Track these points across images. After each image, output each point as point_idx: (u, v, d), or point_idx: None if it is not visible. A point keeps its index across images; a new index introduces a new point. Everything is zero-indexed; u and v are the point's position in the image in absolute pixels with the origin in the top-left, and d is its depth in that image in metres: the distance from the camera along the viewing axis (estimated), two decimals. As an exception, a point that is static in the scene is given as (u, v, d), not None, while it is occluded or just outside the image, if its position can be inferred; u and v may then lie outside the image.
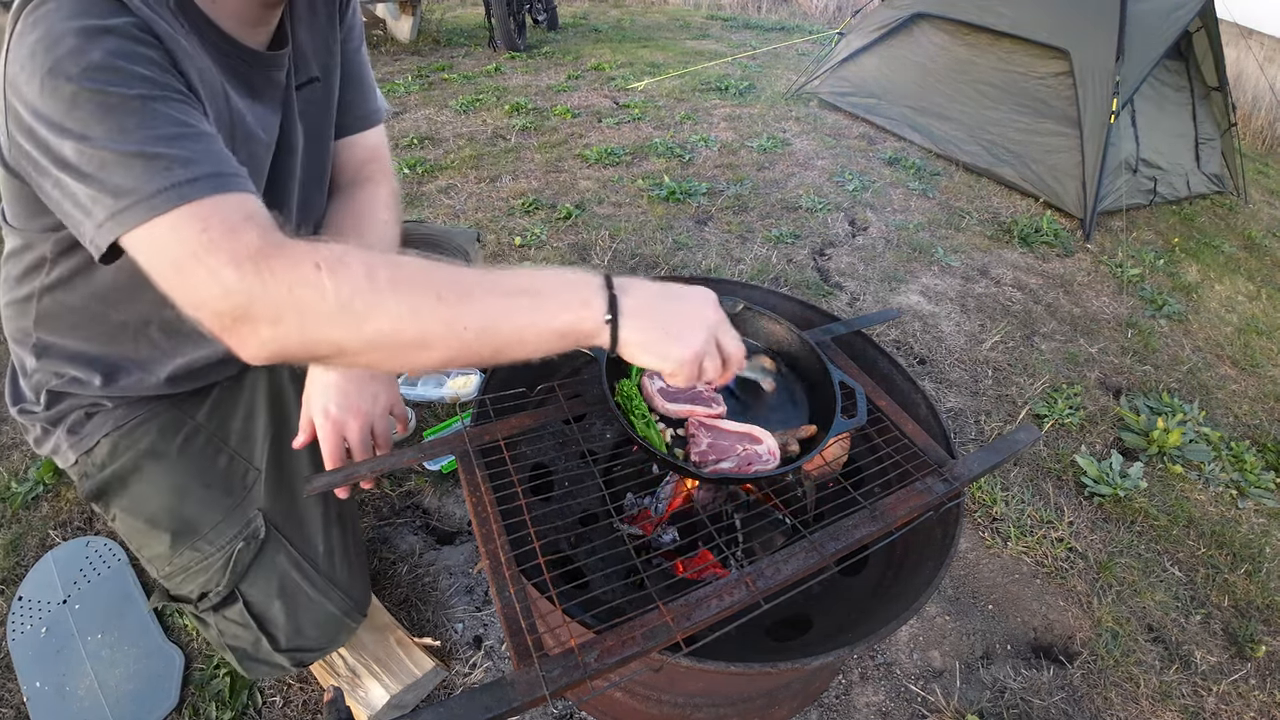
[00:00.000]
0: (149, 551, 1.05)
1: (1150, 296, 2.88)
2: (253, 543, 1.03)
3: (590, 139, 3.84)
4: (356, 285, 0.62)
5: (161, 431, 1.03)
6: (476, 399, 1.10)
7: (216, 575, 1.02)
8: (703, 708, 1.11)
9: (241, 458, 1.07)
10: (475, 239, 1.50)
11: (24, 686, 1.22)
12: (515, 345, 0.68)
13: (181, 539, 1.02)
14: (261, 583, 1.04)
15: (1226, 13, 3.81)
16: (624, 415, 0.94)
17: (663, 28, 7.01)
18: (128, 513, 1.04)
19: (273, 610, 1.04)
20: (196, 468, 1.04)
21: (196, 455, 1.04)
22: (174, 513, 1.02)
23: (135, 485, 1.03)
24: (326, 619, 1.08)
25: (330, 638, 1.11)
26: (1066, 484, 1.89)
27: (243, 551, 1.02)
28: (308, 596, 1.06)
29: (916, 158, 3.85)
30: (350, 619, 1.12)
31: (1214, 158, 3.93)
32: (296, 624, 1.06)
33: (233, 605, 1.04)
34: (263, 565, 1.04)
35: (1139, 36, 3.17)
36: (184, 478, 1.03)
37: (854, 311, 2.52)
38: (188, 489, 1.03)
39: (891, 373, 1.28)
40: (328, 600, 1.08)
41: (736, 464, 0.93)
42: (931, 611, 1.52)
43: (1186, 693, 1.42)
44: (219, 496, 1.04)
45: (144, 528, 1.03)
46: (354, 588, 1.13)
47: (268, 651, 1.06)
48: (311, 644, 1.09)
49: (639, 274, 2.62)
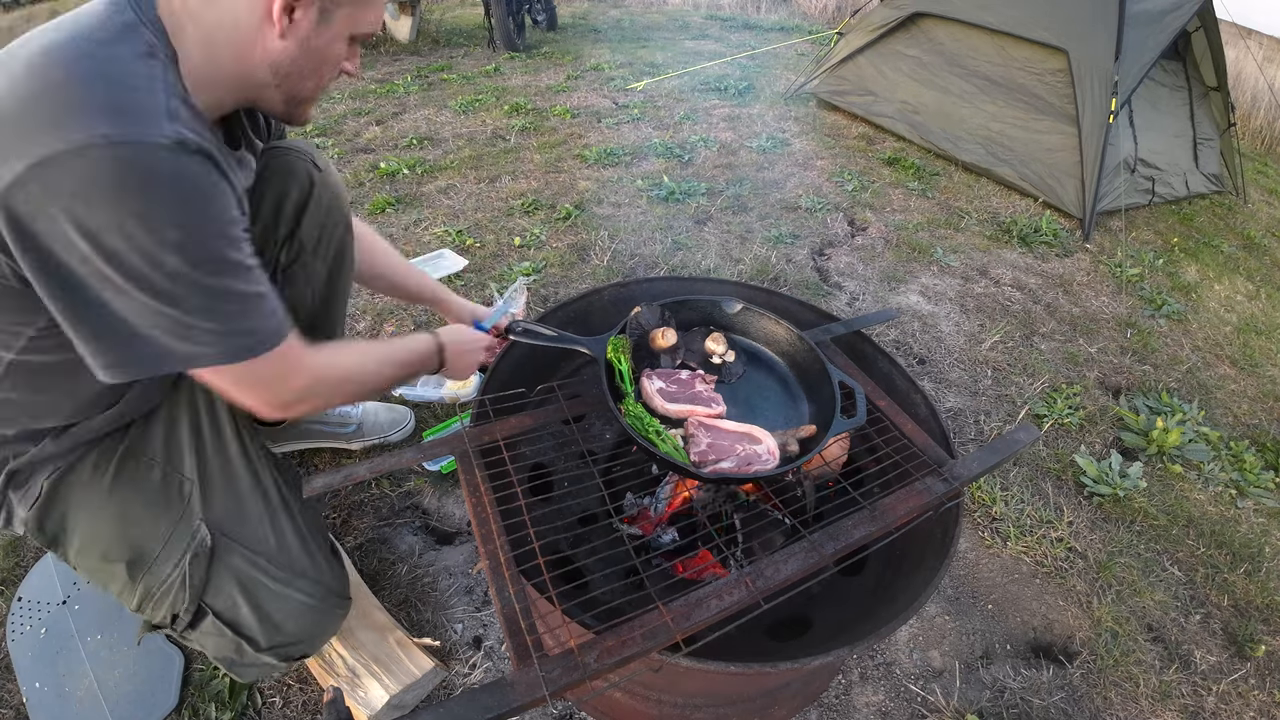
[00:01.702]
0: (114, 587, 1.04)
1: (1149, 296, 2.88)
2: (202, 553, 1.02)
3: (590, 139, 3.84)
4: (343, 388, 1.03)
5: (96, 463, 1.01)
6: (476, 399, 1.10)
7: (178, 595, 1.01)
8: (702, 708, 1.11)
9: (174, 470, 1.05)
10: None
11: (23, 687, 1.22)
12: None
13: (136, 567, 1.01)
14: (223, 590, 1.03)
15: (1225, 13, 3.81)
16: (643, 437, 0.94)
17: (662, 28, 7.01)
18: (82, 553, 1.02)
19: (242, 613, 1.04)
20: (134, 490, 1.02)
21: (130, 478, 1.03)
22: (123, 540, 1.01)
23: (83, 522, 1.01)
24: (299, 609, 1.08)
25: (311, 628, 1.10)
26: (1066, 484, 1.89)
27: (195, 564, 1.01)
28: (271, 591, 1.05)
29: (916, 157, 3.85)
30: (326, 604, 1.11)
31: (1212, 157, 3.93)
32: (270, 621, 1.05)
33: (204, 619, 1.04)
34: (218, 573, 1.03)
35: (1137, 36, 3.17)
36: (124, 503, 1.01)
37: (853, 311, 2.52)
38: (131, 513, 1.01)
39: (891, 373, 1.28)
40: (293, 590, 1.07)
41: (736, 464, 0.93)
42: (931, 611, 1.52)
43: (1186, 692, 1.42)
44: (161, 513, 1.02)
45: (99, 564, 1.02)
46: (320, 572, 1.12)
47: (252, 655, 1.06)
48: (292, 637, 1.08)
49: (638, 274, 2.62)
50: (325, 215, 1.27)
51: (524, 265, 2.54)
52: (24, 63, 0.72)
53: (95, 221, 0.70)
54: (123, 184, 0.70)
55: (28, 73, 0.71)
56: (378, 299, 2.32)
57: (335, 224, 1.30)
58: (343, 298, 1.41)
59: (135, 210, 0.71)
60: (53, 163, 0.68)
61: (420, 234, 2.74)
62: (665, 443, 0.95)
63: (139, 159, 0.71)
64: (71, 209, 0.70)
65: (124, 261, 0.73)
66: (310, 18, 0.84)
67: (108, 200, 0.70)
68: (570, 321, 1.33)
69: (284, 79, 0.88)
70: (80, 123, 0.68)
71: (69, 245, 0.72)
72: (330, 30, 0.87)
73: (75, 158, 0.68)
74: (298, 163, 1.21)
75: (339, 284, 1.38)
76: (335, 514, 1.58)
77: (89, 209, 0.70)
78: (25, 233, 0.71)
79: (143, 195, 0.72)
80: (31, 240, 0.72)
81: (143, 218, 0.72)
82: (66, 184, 0.69)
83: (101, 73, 0.72)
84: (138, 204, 0.71)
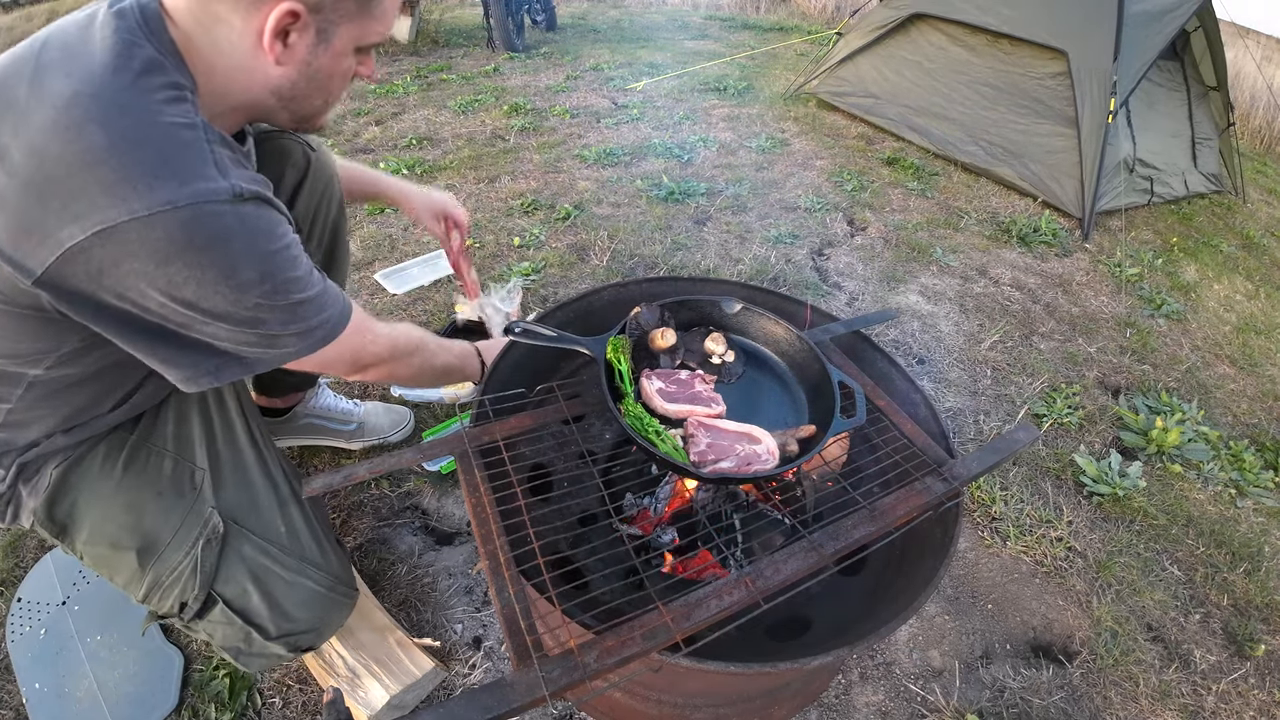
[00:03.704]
0: (121, 577, 1.04)
1: (1149, 296, 2.88)
2: (214, 540, 1.02)
3: (589, 139, 3.84)
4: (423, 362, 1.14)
5: (106, 453, 1.01)
6: (476, 400, 1.10)
7: (189, 583, 1.01)
8: (702, 708, 1.11)
9: (185, 460, 1.06)
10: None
11: (23, 688, 1.22)
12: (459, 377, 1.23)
13: (147, 554, 1.01)
14: (234, 578, 1.04)
15: (1224, 12, 3.81)
16: (642, 437, 0.94)
17: (661, 28, 7.01)
18: (91, 541, 1.03)
19: (253, 602, 1.04)
20: (145, 479, 1.03)
21: (142, 467, 1.03)
22: (134, 529, 1.01)
23: (93, 510, 1.01)
24: (310, 597, 1.08)
25: (320, 616, 1.11)
26: (1065, 483, 1.89)
27: (206, 551, 1.01)
28: (283, 580, 1.06)
29: (915, 157, 3.85)
30: (336, 593, 1.11)
31: (1211, 157, 3.93)
32: (280, 609, 1.06)
33: (213, 608, 1.04)
34: (230, 560, 1.03)
35: (1136, 36, 3.17)
36: (135, 492, 1.02)
37: (853, 311, 2.52)
38: (142, 502, 1.02)
39: (890, 372, 1.28)
40: (305, 578, 1.08)
41: (735, 464, 0.93)
42: (931, 611, 1.52)
43: (1186, 692, 1.42)
44: (173, 501, 1.03)
45: (109, 553, 1.02)
46: (328, 562, 1.13)
47: (261, 644, 1.06)
48: (302, 626, 1.08)
49: (637, 274, 2.62)
50: (320, 196, 1.28)
51: (523, 265, 2.54)
52: (51, 119, 0.70)
53: (170, 277, 0.74)
54: (192, 243, 0.73)
55: (62, 132, 0.69)
56: (377, 298, 2.32)
57: (329, 203, 1.32)
58: (340, 280, 1.43)
59: (209, 263, 0.74)
60: (117, 232, 0.70)
61: (419, 234, 2.74)
62: (665, 443, 0.95)
63: (204, 220, 0.73)
64: (144, 270, 0.73)
65: (205, 306, 0.77)
66: (307, 40, 0.81)
67: (181, 259, 0.73)
68: (570, 321, 1.33)
69: (289, 101, 0.87)
70: (138, 192, 0.70)
71: (142, 295, 0.75)
72: (332, 48, 0.84)
73: (141, 227, 0.70)
74: (292, 144, 1.22)
75: (336, 270, 1.41)
76: (335, 514, 1.58)
77: (162, 269, 0.73)
78: (82, 291, 0.74)
79: (213, 251, 0.74)
80: (90, 296, 0.75)
81: (218, 268, 0.75)
82: (136, 249, 0.71)
83: (143, 133, 0.72)
84: (210, 258, 0.74)
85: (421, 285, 2.40)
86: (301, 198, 1.24)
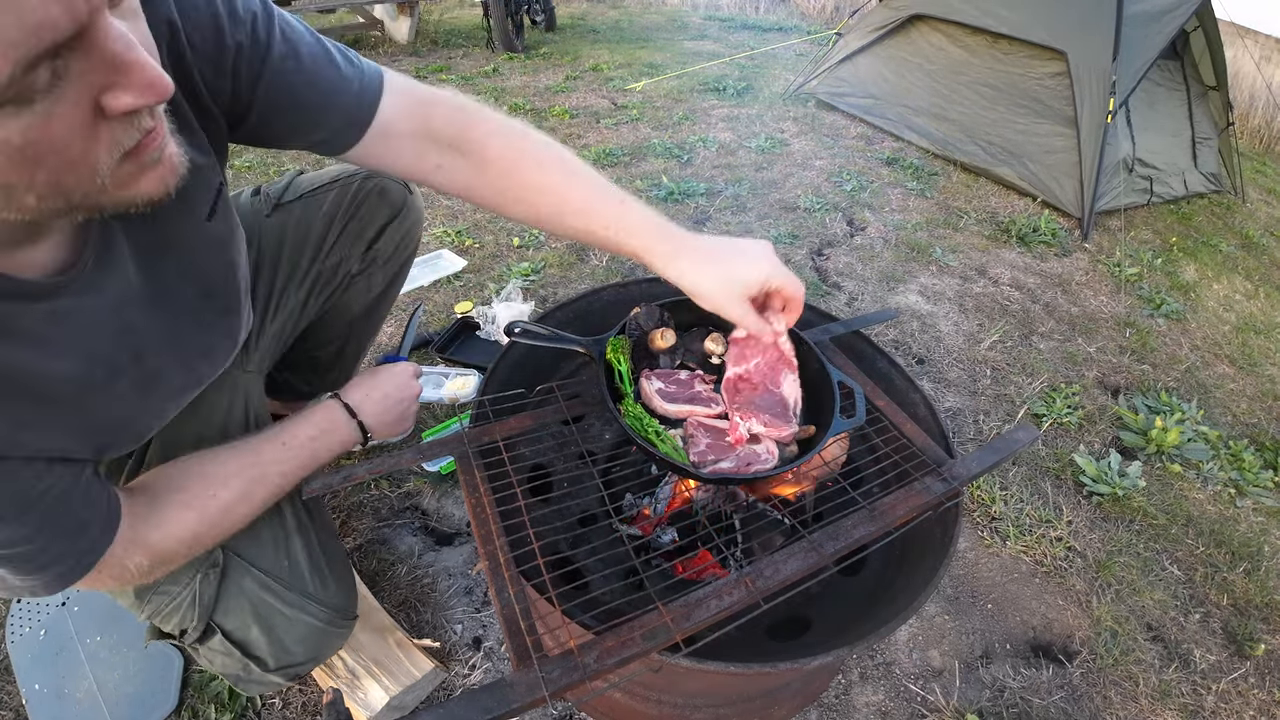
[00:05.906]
0: (123, 601, 1.03)
1: (1148, 296, 2.88)
2: (213, 572, 1.00)
3: (588, 139, 3.84)
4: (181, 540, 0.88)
5: None
6: (475, 400, 1.10)
7: (187, 612, 1.00)
8: (702, 708, 1.11)
9: None
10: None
11: (23, 689, 1.22)
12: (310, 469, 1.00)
13: (145, 587, 0.99)
14: (234, 611, 1.02)
15: (1224, 12, 3.81)
16: (642, 437, 0.94)
17: (660, 28, 7.01)
18: None
19: (252, 635, 1.02)
20: None
21: None
22: None
23: None
24: (308, 633, 1.06)
25: (318, 649, 1.09)
26: (1065, 483, 1.89)
27: (205, 584, 0.99)
28: (283, 615, 1.03)
29: (914, 158, 3.85)
30: (334, 626, 1.09)
31: (1211, 157, 3.93)
32: (279, 644, 1.04)
33: (212, 637, 1.02)
34: (230, 593, 1.01)
35: (1136, 36, 3.17)
36: None
37: (852, 311, 2.52)
38: None
39: (890, 372, 1.28)
40: (304, 614, 1.05)
41: (735, 464, 0.93)
42: (930, 611, 1.52)
43: (1186, 691, 1.42)
44: None
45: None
46: (330, 595, 1.09)
47: (259, 674, 1.05)
48: (300, 658, 1.07)
49: (637, 274, 2.62)
50: (404, 235, 1.35)
51: (523, 266, 2.54)
52: None
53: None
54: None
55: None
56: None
57: (408, 244, 1.39)
58: (387, 307, 1.50)
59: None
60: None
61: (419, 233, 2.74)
62: (665, 443, 0.95)
63: None
64: None
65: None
66: None
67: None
68: (569, 322, 1.33)
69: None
70: None
71: None
72: (23, 119, 0.44)
73: None
74: (392, 185, 1.27)
75: (389, 296, 1.47)
76: (335, 515, 1.58)
77: None
78: None
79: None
80: None
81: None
82: None
83: None
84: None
85: (421, 286, 2.40)
86: (388, 232, 1.31)
